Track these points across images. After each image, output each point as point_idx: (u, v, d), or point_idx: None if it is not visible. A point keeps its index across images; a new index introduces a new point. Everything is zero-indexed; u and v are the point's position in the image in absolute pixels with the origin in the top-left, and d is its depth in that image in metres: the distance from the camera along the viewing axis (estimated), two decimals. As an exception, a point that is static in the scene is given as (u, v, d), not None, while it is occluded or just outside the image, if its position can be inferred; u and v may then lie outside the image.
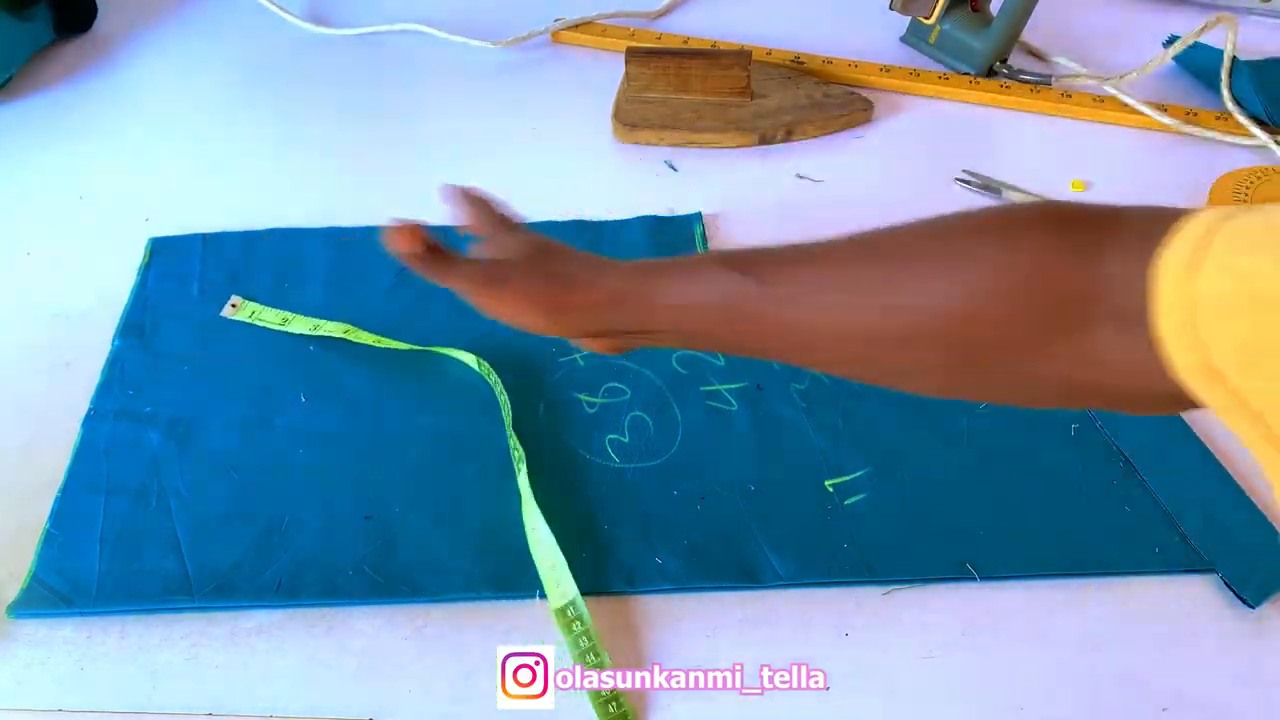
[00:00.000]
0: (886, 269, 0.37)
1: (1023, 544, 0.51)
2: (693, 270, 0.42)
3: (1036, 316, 0.32)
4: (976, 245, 0.35)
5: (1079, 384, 0.33)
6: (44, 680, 0.46)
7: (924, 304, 0.35)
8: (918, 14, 0.87)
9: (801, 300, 0.38)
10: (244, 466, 0.54)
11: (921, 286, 0.35)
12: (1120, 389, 0.32)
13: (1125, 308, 0.29)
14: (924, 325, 0.35)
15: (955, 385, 0.38)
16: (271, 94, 0.86)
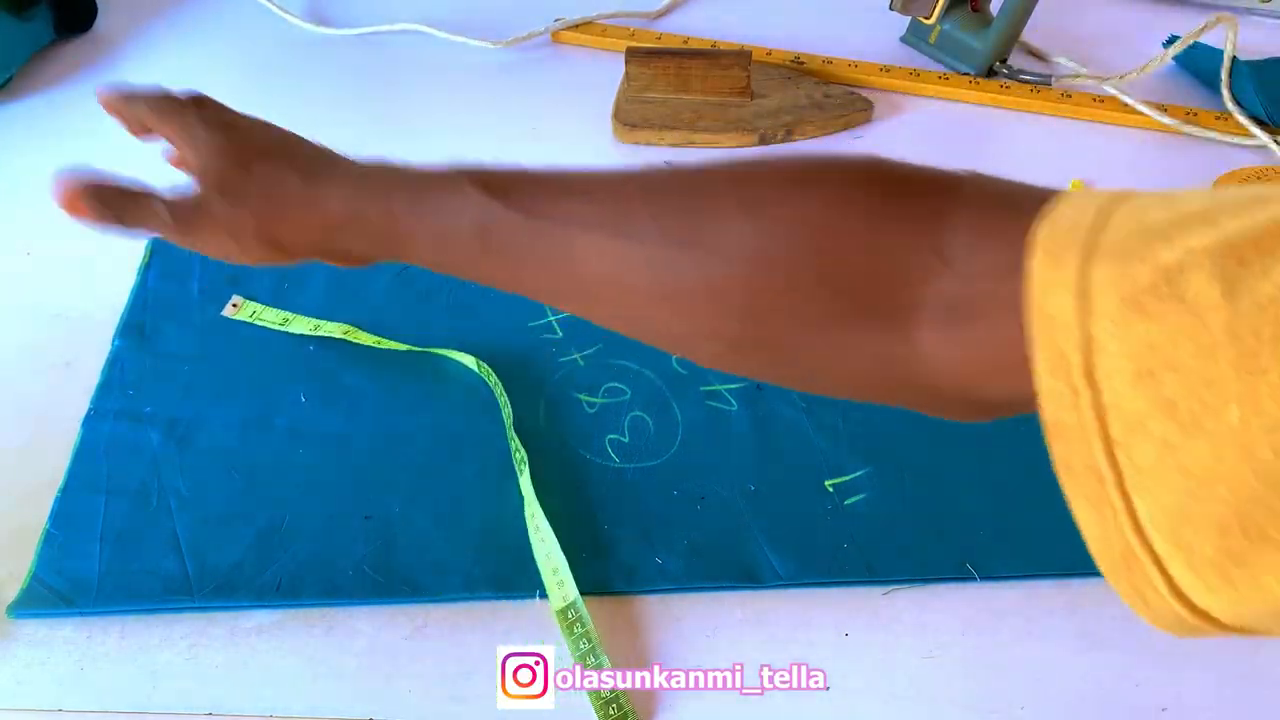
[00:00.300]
0: (672, 212, 0.31)
1: (1023, 544, 0.51)
2: (444, 188, 0.36)
3: (844, 289, 0.28)
4: (781, 196, 0.30)
5: (885, 377, 0.28)
6: (44, 680, 0.46)
7: (708, 258, 0.30)
8: (918, 14, 0.87)
9: (566, 238, 0.33)
10: (244, 466, 0.54)
11: (707, 240, 0.30)
12: (932, 384, 0.27)
13: (963, 294, 0.26)
14: (707, 282, 0.30)
15: (742, 361, 0.33)
16: (271, 94, 0.86)
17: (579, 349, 0.61)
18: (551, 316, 0.63)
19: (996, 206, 0.26)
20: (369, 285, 0.65)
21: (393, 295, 0.64)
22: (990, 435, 0.56)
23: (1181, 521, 0.21)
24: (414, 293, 0.65)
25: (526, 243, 0.34)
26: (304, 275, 0.66)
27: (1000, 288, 0.24)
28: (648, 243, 0.31)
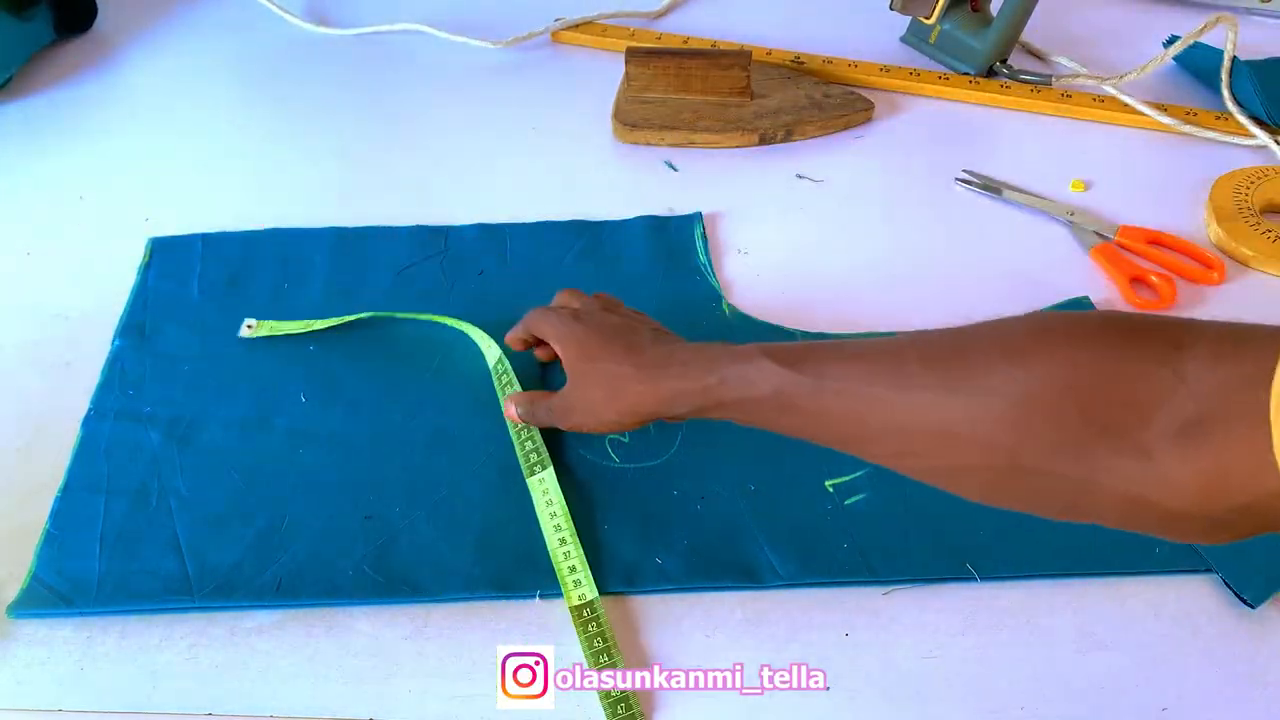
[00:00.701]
0: (943, 364, 0.37)
1: (1023, 544, 0.51)
2: (746, 363, 0.44)
3: (1094, 417, 0.31)
4: (1037, 343, 0.35)
5: (1133, 500, 0.32)
6: (44, 680, 0.46)
7: (978, 399, 0.35)
8: (918, 14, 0.87)
9: (853, 395, 0.40)
10: (244, 466, 0.54)
11: (976, 384, 0.35)
12: (1173, 506, 0.30)
13: (1196, 413, 0.29)
14: (979, 421, 0.35)
15: (1008, 492, 0.37)
16: (271, 94, 0.86)
17: None
18: (551, 316, 0.63)
19: (1230, 337, 0.30)
20: (369, 285, 0.65)
21: (393, 295, 0.64)
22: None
23: None
24: (414, 293, 0.65)
25: (817, 403, 0.41)
26: (303, 275, 0.66)
27: (1236, 399, 0.27)
28: (926, 390, 0.37)
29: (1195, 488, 0.29)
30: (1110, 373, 0.32)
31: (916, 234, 0.71)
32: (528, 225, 0.70)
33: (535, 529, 0.51)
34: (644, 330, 0.52)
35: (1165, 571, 0.50)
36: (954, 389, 0.36)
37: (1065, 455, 0.33)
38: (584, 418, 0.51)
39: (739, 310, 0.64)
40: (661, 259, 0.68)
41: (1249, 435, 0.27)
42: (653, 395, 0.47)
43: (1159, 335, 0.31)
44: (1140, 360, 0.31)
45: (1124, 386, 0.31)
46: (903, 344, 0.40)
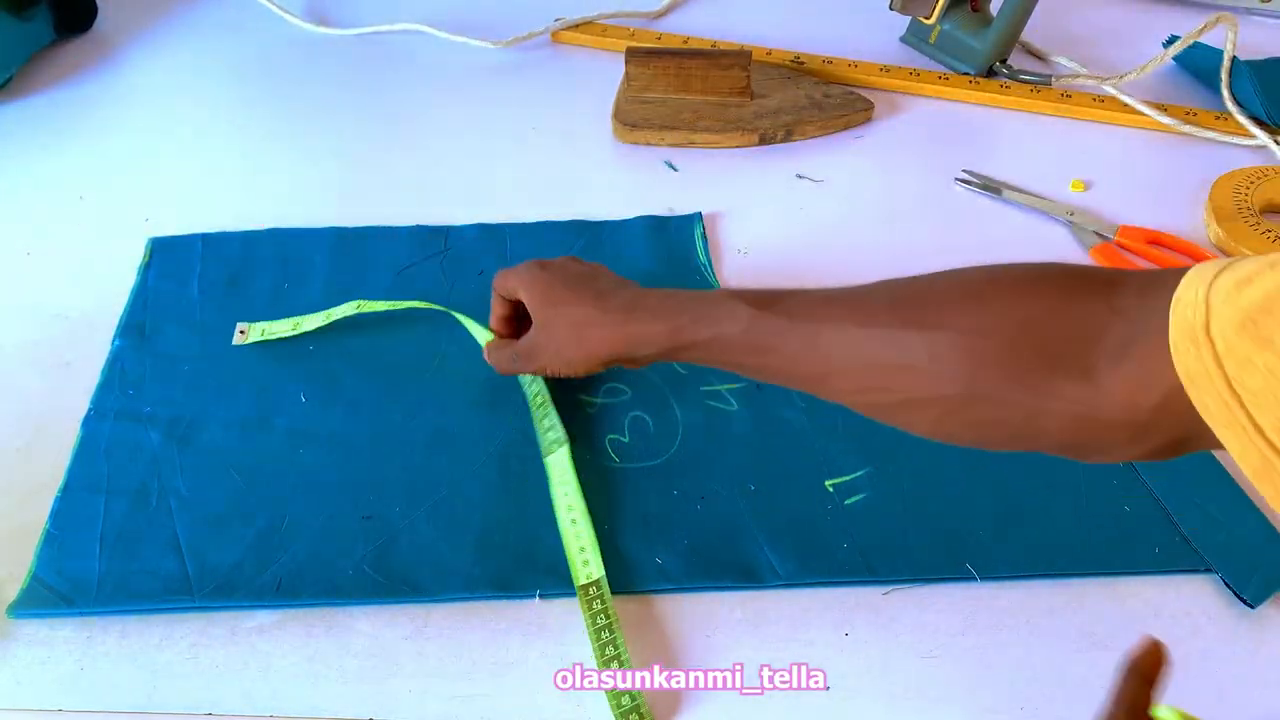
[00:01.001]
0: (906, 304, 0.41)
1: (1023, 544, 0.51)
2: (719, 305, 0.47)
3: (1043, 348, 0.36)
4: (994, 284, 0.39)
5: (1075, 419, 0.36)
6: (44, 680, 0.46)
7: (937, 333, 0.39)
8: (918, 14, 0.87)
9: (818, 332, 0.43)
10: (244, 466, 0.54)
11: (937, 320, 0.39)
12: (1109, 418, 0.35)
13: (1127, 335, 0.34)
14: (935, 356, 0.39)
15: (959, 423, 0.41)
16: (271, 94, 0.86)
17: None
18: (551, 316, 0.63)
19: (1155, 274, 0.35)
20: (369, 285, 0.65)
21: (393, 295, 0.64)
22: (990, 435, 0.56)
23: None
24: (414, 293, 0.65)
25: (785, 341, 0.44)
26: (303, 275, 0.66)
27: (1155, 318, 0.32)
28: (890, 327, 0.40)
29: (1124, 394, 0.34)
30: (1058, 309, 0.36)
31: (916, 234, 0.71)
32: (528, 225, 0.70)
33: (535, 529, 0.51)
34: (609, 277, 0.53)
35: (1165, 571, 0.50)
36: (917, 325, 0.40)
37: (1018, 384, 0.37)
38: (550, 360, 0.53)
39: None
40: (661, 259, 0.68)
41: (1161, 341, 0.32)
42: (620, 337, 0.49)
43: (1097, 278, 0.37)
44: (1083, 299, 0.36)
45: (1069, 321, 0.36)
46: (869, 288, 0.44)
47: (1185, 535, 0.51)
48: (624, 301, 0.50)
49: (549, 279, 0.53)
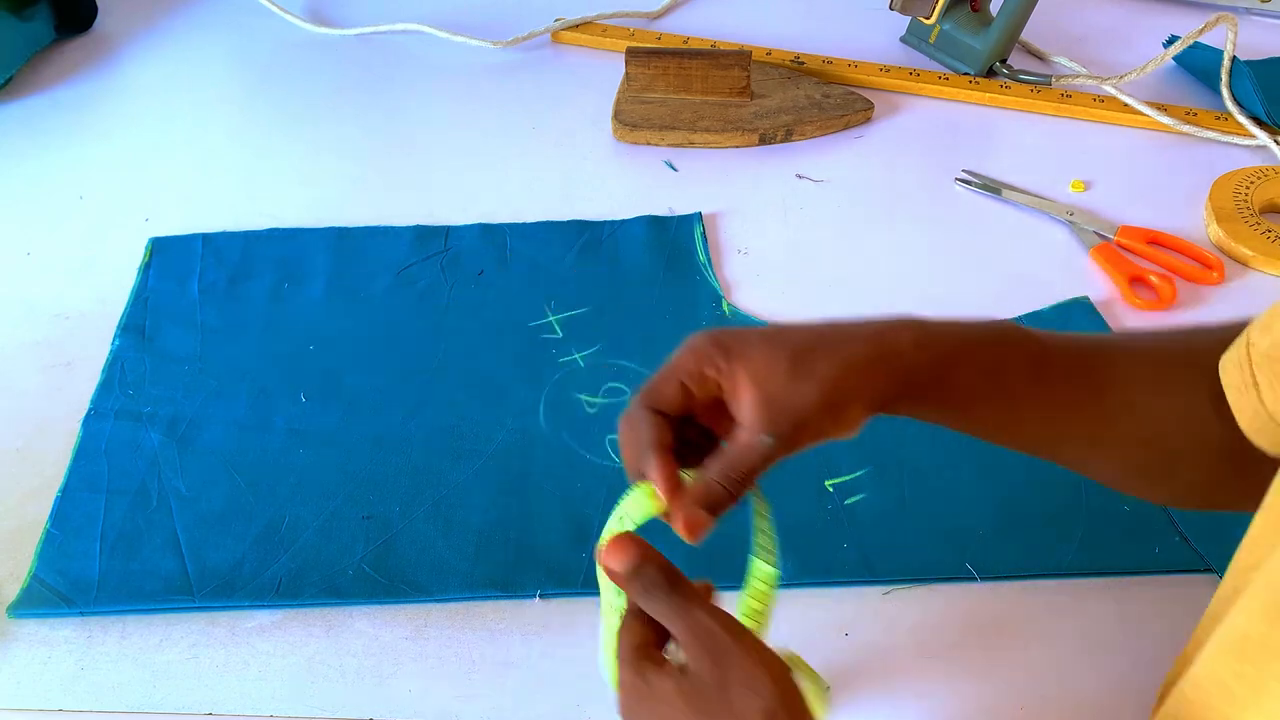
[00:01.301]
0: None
1: (1023, 544, 0.51)
2: (1003, 335, 0.42)
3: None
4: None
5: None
6: (44, 680, 0.46)
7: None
8: (918, 14, 0.87)
9: (1118, 364, 0.41)
10: (244, 466, 0.54)
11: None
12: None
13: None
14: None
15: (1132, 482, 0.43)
16: (271, 94, 0.86)
17: (579, 349, 0.61)
18: (551, 316, 0.63)
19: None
20: (369, 285, 0.65)
21: (393, 295, 0.64)
22: (990, 435, 0.56)
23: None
24: (414, 292, 0.65)
25: (1073, 368, 0.41)
26: (303, 275, 0.66)
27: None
28: (1187, 364, 0.40)
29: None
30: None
31: (916, 234, 0.71)
32: (528, 225, 0.70)
33: (535, 529, 0.51)
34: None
35: (1165, 571, 0.50)
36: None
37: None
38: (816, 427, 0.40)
39: (739, 310, 0.64)
40: (661, 259, 0.68)
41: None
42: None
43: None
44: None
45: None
46: (1162, 333, 0.45)
47: (1185, 535, 0.51)
48: (880, 322, 0.40)
49: (779, 334, 0.40)
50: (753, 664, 0.34)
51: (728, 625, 0.35)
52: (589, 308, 0.64)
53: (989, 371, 0.41)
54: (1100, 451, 0.42)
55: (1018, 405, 0.42)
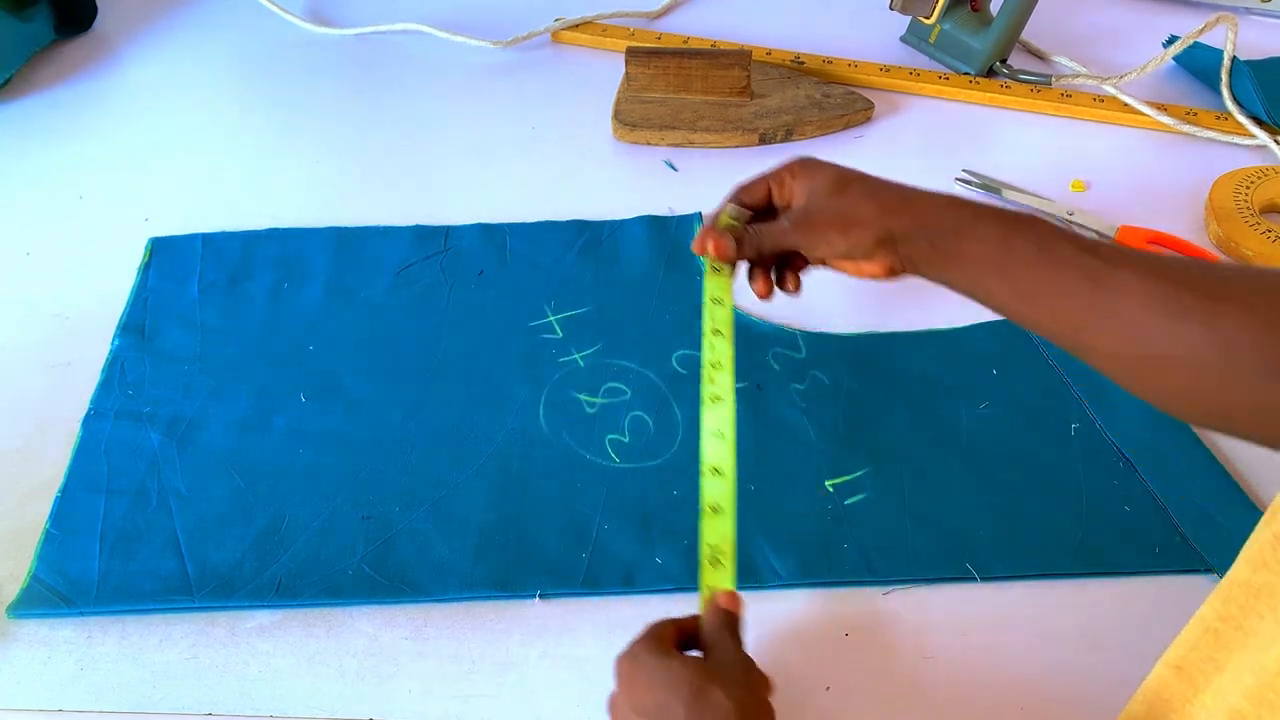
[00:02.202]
0: (1195, 289, 0.41)
1: (1023, 544, 0.51)
2: (1019, 218, 0.46)
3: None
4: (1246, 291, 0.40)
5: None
6: (44, 680, 0.46)
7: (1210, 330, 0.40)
8: (918, 14, 0.87)
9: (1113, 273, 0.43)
10: (244, 466, 0.54)
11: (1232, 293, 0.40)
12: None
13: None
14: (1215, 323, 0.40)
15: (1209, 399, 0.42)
16: (271, 94, 0.86)
17: (579, 349, 0.61)
18: (552, 316, 0.63)
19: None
20: (369, 285, 0.65)
21: (393, 295, 0.64)
22: (990, 435, 0.56)
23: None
24: (414, 292, 0.65)
25: (1073, 264, 0.44)
26: (303, 275, 0.66)
27: None
28: (1176, 283, 0.41)
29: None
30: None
31: (916, 234, 0.71)
32: (528, 225, 0.70)
33: (535, 529, 0.51)
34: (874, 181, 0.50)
35: (1165, 571, 0.50)
36: (1205, 289, 0.40)
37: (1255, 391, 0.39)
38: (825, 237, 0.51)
39: (739, 310, 0.64)
40: (661, 259, 0.68)
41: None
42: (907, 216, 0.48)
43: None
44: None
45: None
46: (1165, 260, 0.44)
47: (1185, 535, 0.51)
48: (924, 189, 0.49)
49: (839, 166, 0.51)
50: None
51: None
52: (589, 308, 0.64)
53: (1000, 245, 0.46)
54: (1090, 340, 0.45)
55: (1018, 284, 0.46)
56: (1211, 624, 0.33)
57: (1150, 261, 0.43)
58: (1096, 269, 0.44)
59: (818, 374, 0.59)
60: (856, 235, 0.49)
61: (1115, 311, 0.43)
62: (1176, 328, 0.41)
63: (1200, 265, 0.43)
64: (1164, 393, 0.43)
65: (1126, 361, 0.44)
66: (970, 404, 0.58)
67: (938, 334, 0.62)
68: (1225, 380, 0.40)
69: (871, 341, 0.62)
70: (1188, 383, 0.42)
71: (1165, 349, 0.42)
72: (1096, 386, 0.58)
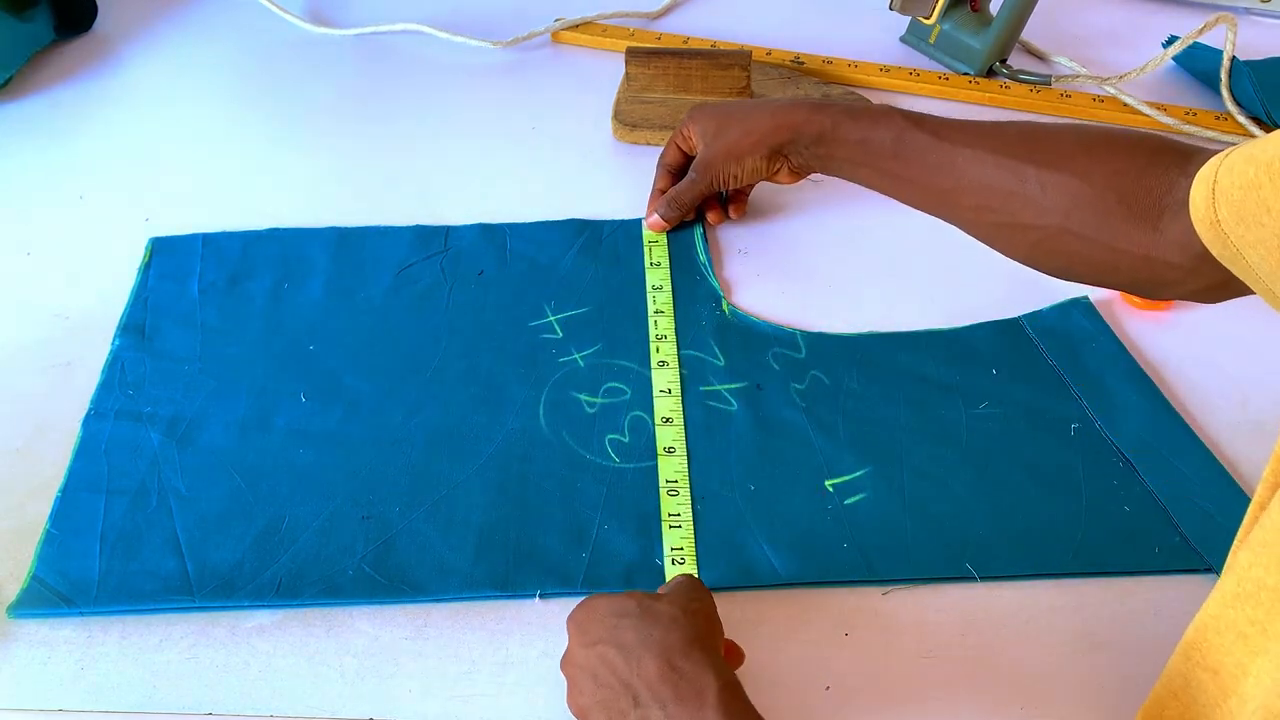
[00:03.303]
0: (1032, 141, 0.50)
1: (1023, 544, 0.51)
2: (878, 114, 0.57)
3: (1128, 200, 0.45)
4: (1104, 139, 0.49)
5: (1136, 259, 0.45)
6: (44, 680, 0.46)
7: (1052, 175, 0.48)
8: (918, 14, 0.87)
9: (956, 151, 0.52)
10: (244, 466, 0.54)
11: (1054, 160, 0.48)
12: (1167, 260, 0.44)
13: (1188, 195, 0.41)
14: (1045, 187, 0.48)
15: (1054, 248, 0.49)
16: (271, 94, 0.86)
17: (579, 349, 0.61)
18: (552, 316, 0.63)
19: (1220, 152, 0.40)
20: (369, 285, 0.65)
21: (393, 295, 0.64)
22: (990, 435, 0.56)
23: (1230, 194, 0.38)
24: (414, 292, 0.65)
25: (927, 153, 0.53)
26: (303, 275, 0.66)
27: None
28: (1013, 158, 0.50)
29: (1179, 243, 0.43)
30: (1145, 169, 0.45)
31: (916, 234, 0.71)
32: (527, 225, 0.70)
33: (535, 529, 0.51)
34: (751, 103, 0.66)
35: (1165, 571, 0.50)
36: (1036, 162, 0.49)
37: (1104, 227, 0.46)
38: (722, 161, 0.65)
39: (739, 310, 0.64)
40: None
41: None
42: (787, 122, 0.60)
43: (1180, 149, 0.46)
44: (1166, 163, 0.45)
45: (1151, 180, 0.45)
46: (1002, 125, 0.53)
47: (1185, 535, 0.51)
48: (790, 101, 0.61)
49: (720, 106, 0.64)
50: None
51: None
52: (589, 308, 0.64)
53: (861, 144, 0.57)
54: (950, 213, 0.55)
55: (885, 173, 0.57)
56: (1242, 628, 0.33)
57: (991, 138, 0.51)
58: (946, 152, 0.52)
59: (818, 374, 0.59)
60: (749, 162, 0.62)
61: (965, 187, 0.52)
62: (1018, 194, 0.49)
63: (1035, 134, 0.51)
64: (1026, 252, 0.51)
65: (986, 228, 0.53)
66: (970, 404, 0.58)
67: (938, 334, 0.62)
68: (1071, 236, 0.48)
69: (871, 341, 0.62)
70: (1041, 241, 0.50)
71: (1012, 216, 0.50)
72: (1096, 386, 0.58)
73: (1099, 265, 0.48)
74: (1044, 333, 0.62)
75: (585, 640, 0.41)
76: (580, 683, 0.40)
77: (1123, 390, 0.58)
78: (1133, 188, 0.45)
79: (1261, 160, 0.36)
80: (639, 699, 0.38)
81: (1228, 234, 0.38)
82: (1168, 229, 0.44)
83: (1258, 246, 0.37)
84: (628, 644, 0.39)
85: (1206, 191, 0.39)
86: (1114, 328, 0.62)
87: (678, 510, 0.52)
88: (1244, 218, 0.37)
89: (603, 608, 0.42)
